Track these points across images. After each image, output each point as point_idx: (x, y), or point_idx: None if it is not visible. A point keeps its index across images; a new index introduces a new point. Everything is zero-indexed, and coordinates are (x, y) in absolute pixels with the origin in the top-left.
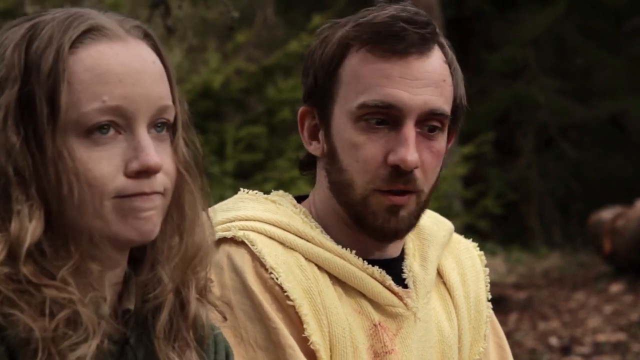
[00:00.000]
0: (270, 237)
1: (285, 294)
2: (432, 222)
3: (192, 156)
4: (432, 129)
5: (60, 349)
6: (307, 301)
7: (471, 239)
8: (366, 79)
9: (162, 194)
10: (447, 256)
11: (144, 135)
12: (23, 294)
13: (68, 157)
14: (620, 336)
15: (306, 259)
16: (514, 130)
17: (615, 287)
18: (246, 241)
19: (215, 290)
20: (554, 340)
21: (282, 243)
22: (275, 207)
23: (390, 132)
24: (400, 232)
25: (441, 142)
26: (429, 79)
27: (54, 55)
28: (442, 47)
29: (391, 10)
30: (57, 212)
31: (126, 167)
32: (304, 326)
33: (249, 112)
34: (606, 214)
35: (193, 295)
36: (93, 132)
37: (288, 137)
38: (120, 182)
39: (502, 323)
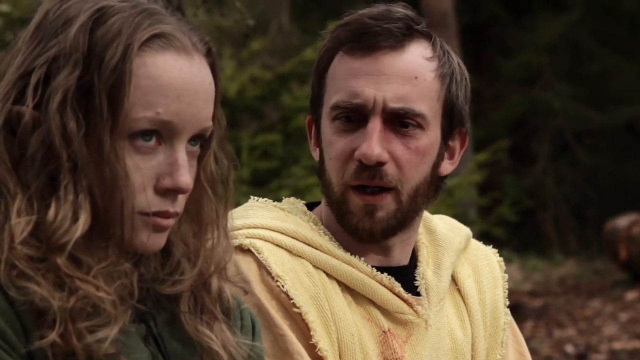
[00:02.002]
0: (278, 245)
1: (292, 301)
2: (448, 229)
3: (221, 172)
4: (405, 125)
5: (78, 327)
6: (315, 308)
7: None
8: (339, 79)
9: (179, 214)
10: (463, 263)
11: (182, 154)
12: (39, 270)
13: (121, 159)
14: (637, 344)
15: (314, 266)
16: (529, 137)
17: (631, 295)
18: (252, 249)
19: (231, 268)
20: (569, 348)
21: (289, 250)
22: (284, 215)
23: (358, 128)
24: (375, 234)
25: (421, 139)
26: (398, 74)
27: (122, 52)
28: (429, 41)
29: (365, 10)
30: (102, 211)
31: (157, 181)
32: (311, 333)
33: (264, 119)
34: (622, 221)
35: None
36: (137, 137)
37: (303, 144)
38: (148, 197)
39: None
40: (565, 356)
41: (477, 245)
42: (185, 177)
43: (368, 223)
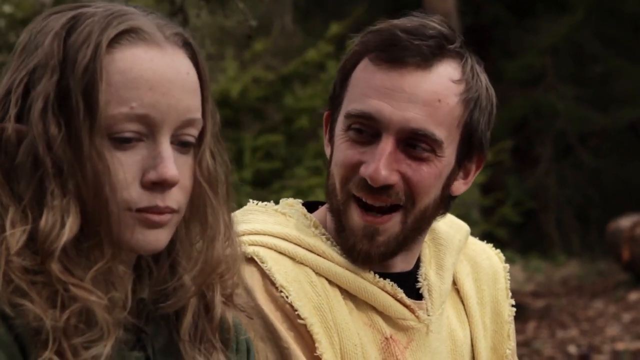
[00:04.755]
0: (281, 253)
1: (296, 312)
2: (448, 226)
3: (220, 169)
4: (419, 147)
5: (73, 343)
6: (318, 319)
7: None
8: (359, 88)
9: (176, 211)
10: (462, 260)
11: (165, 146)
12: (35, 285)
13: (102, 156)
14: (639, 344)
15: (317, 273)
16: (532, 138)
17: (634, 295)
18: (256, 258)
19: (242, 294)
20: (572, 349)
21: (292, 258)
22: (285, 220)
23: (369, 143)
24: (372, 257)
25: (433, 164)
26: (420, 95)
27: (92, 52)
28: (459, 61)
29: (399, 20)
30: (91, 211)
31: (143, 176)
32: (316, 345)
33: (266, 120)
34: (625, 222)
35: (218, 298)
36: (117, 134)
37: (306, 145)
38: (135, 192)
39: (521, 331)
40: (568, 357)
41: (474, 241)
42: (170, 169)
43: (366, 246)
